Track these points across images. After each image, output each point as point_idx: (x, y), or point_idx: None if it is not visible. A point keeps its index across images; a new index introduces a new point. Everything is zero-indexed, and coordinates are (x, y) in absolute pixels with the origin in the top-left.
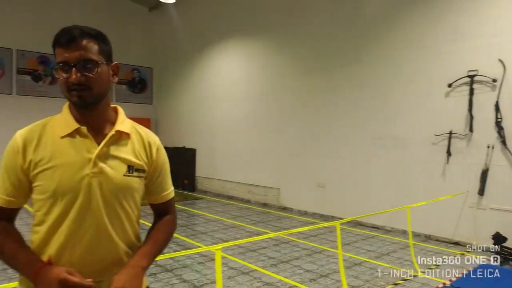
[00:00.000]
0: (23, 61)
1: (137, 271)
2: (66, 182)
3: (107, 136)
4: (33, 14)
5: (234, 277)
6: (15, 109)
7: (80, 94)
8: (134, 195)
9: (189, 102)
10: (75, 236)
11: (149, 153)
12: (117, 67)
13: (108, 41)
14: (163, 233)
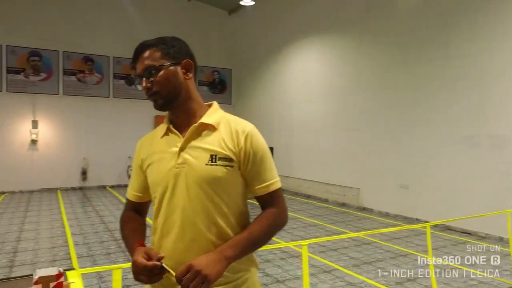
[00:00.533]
0: (118, 67)
1: (219, 257)
2: (159, 175)
3: (190, 128)
4: (127, 24)
5: (316, 274)
6: (112, 111)
7: (153, 99)
8: (222, 185)
9: (266, 101)
10: (167, 225)
11: (236, 142)
12: (188, 64)
13: (172, 44)
14: (261, 226)
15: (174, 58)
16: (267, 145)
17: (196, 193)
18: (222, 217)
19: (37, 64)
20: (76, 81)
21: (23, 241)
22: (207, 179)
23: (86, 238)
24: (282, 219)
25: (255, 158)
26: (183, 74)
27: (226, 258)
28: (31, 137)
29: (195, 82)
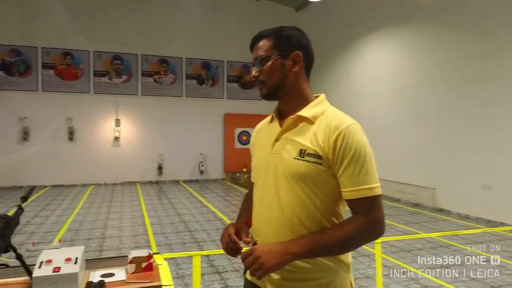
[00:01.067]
0: (190, 68)
1: (282, 250)
2: (257, 160)
3: (286, 120)
4: (198, 26)
5: (388, 275)
6: (184, 109)
7: (259, 87)
8: (307, 180)
9: (334, 98)
10: (259, 209)
11: (327, 138)
12: (297, 56)
13: (285, 35)
14: (338, 232)
15: (283, 50)
16: (367, 146)
17: (282, 184)
18: (306, 213)
19: (119, 67)
20: (152, 82)
21: (109, 228)
22: (293, 173)
23: (163, 228)
24: (371, 230)
25: (344, 158)
26: (291, 66)
27: (289, 253)
28: (114, 134)
29: (308, 75)
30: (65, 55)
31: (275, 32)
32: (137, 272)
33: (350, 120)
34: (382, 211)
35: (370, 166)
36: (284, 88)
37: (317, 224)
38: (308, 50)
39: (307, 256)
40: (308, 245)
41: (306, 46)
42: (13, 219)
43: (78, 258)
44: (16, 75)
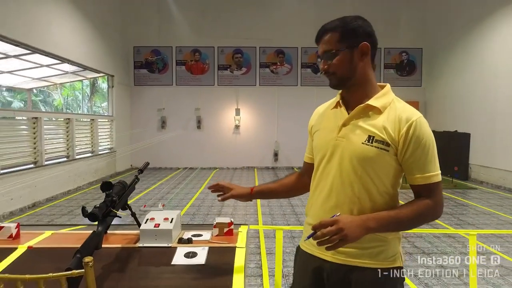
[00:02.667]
0: (305, 57)
1: (362, 224)
2: (321, 142)
3: (356, 108)
4: (313, 14)
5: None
6: (299, 98)
7: (329, 78)
8: (372, 165)
9: (463, 82)
10: (319, 187)
11: (397, 128)
12: (365, 47)
13: (351, 26)
14: (410, 211)
15: (350, 42)
16: (433, 137)
17: (347, 166)
18: (367, 194)
19: (240, 60)
20: (269, 73)
21: (225, 206)
22: (359, 156)
23: (272, 209)
24: (435, 212)
25: (416, 148)
26: (359, 57)
27: (367, 228)
28: (235, 123)
29: (373, 62)
30: (194, 52)
31: (342, 25)
32: (220, 235)
33: (418, 112)
34: (442, 195)
35: (435, 155)
36: (353, 79)
37: (376, 205)
38: (374, 38)
39: (380, 231)
40: (385, 222)
41: (372, 35)
42: (130, 185)
43: (173, 219)
44: (156, 72)
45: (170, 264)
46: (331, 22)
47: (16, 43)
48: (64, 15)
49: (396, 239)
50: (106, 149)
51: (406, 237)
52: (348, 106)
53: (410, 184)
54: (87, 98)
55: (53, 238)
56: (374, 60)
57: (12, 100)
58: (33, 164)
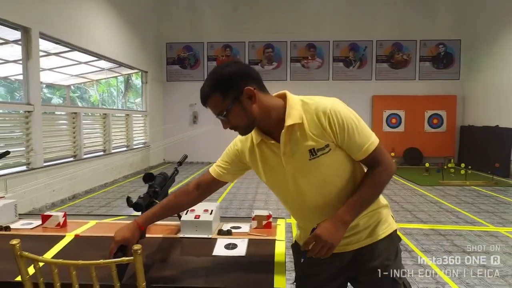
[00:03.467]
0: (337, 50)
1: (339, 225)
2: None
3: (281, 135)
4: (345, 6)
5: None
6: (331, 92)
7: (237, 131)
8: (330, 167)
9: (506, 75)
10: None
11: (320, 127)
12: (249, 91)
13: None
14: (368, 186)
15: (233, 95)
16: (351, 112)
17: (311, 181)
18: (339, 189)
19: (270, 55)
20: (300, 67)
21: (257, 201)
22: (315, 170)
23: None
24: (388, 174)
25: (344, 132)
26: (249, 102)
27: (345, 223)
28: None
29: (263, 90)
30: (225, 47)
31: (215, 86)
32: (258, 228)
33: (327, 99)
34: (387, 155)
35: (360, 125)
36: (257, 120)
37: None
38: (250, 75)
39: (356, 217)
40: (355, 208)
41: (247, 73)
42: (170, 177)
43: (213, 211)
44: (188, 67)
45: (211, 255)
46: (205, 87)
47: (57, 41)
48: (101, 13)
49: (385, 206)
50: (141, 144)
51: (444, 235)
52: (274, 136)
53: (358, 160)
54: (121, 94)
55: (97, 227)
56: (264, 87)
57: (51, 96)
58: (73, 158)
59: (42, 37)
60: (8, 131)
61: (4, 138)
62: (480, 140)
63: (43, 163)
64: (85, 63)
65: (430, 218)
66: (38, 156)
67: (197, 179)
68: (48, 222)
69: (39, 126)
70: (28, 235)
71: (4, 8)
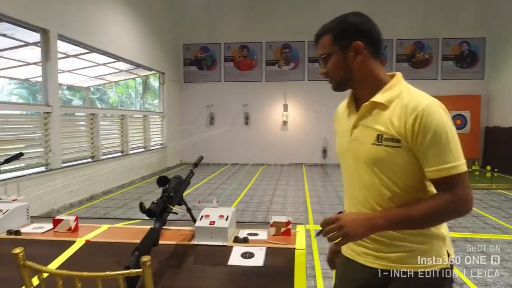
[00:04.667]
0: None
1: (368, 223)
2: (339, 147)
3: (361, 107)
4: (364, 4)
5: None
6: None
7: (329, 82)
8: (387, 164)
9: None
10: (348, 191)
11: (403, 120)
12: (357, 46)
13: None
14: (424, 207)
15: (342, 43)
16: (447, 123)
17: (364, 170)
18: (390, 194)
19: (288, 55)
20: (318, 68)
21: (274, 203)
22: (372, 158)
23: (322, 207)
24: (457, 208)
25: (424, 139)
26: (353, 57)
27: (373, 226)
28: (282, 118)
29: (376, 57)
30: (242, 48)
31: (331, 27)
32: (277, 235)
33: (427, 99)
34: (467, 188)
35: (453, 144)
36: (352, 79)
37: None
38: (370, 34)
39: (392, 228)
40: (394, 219)
41: (367, 31)
42: (185, 180)
43: (229, 217)
44: (204, 68)
45: (227, 265)
46: (325, 25)
47: (76, 43)
48: (119, 14)
49: (438, 237)
50: (158, 145)
51: (471, 241)
52: (358, 106)
53: (429, 179)
54: (140, 95)
55: (110, 232)
56: (379, 54)
57: (72, 98)
58: (90, 159)
59: (61, 38)
60: (28, 132)
61: (24, 139)
62: (506, 142)
63: (61, 164)
64: (104, 64)
65: (456, 223)
66: (56, 157)
67: None
68: (59, 226)
69: (57, 128)
70: (38, 240)
71: (23, 10)
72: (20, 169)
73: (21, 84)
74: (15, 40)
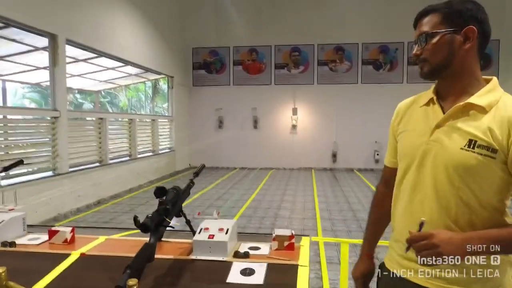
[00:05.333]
0: (366, 53)
1: (463, 244)
2: (408, 146)
3: (453, 107)
4: (375, 7)
5: None
6: (359, 96)
7: (420, 66)
8: (473, 175)
9: None
10: (410, 199)
11: (506, 131)
12: (471, 31)
13: (458, 7)
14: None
15: (454, 24)
16: None
17: (441, 176)
18: (466, 208)
19: (297, 58)
20: (328, 71)
21: (282, 209)
22: (457, 164)
23: (331, 214)
24: None
25: None
26: (462, 43)
27: (473, 250)
28: (291, 122)
29: (480, 53)
30: (251, 51)
31: (446, 7)
32: (279, 249)
33: None
34: None
35: None
36: (450, 67)
37: (478, 220)
38: (485, 26)
39: (484, 254)
40: (491, 242)
41: (482, 21)
42: (184, 191)
43: (229, 230)
44: (213, 72)
45: (225, 282)
46: (436, 4)
47: (84, 47)
48: (127, 19)
49: (508, 263)
50: (166, 149)
51: None
52: (444, 104)
53: None
54: (150, 99)
55: (106, 244)
56: (483, 52)
57: (83, 102)
58: (98, 163)
59: (69, 43)
60: (38, 136)
61: (33, 144)
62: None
63: (68, 169)
64: (112, 68)
65: None
66: (64, 162)
67: (381, 179)
68: (55, 238)
69: (64, 132)
70: (33, 252)
71: (32, 15)
72: (28, 174)
73: (34, 88)
74: (24, 45)
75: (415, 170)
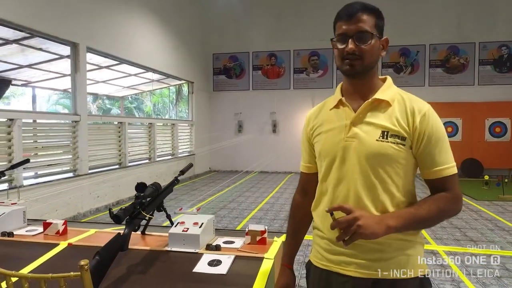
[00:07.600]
0: (387, 56)
1: (380, 223)
2: (328, 145)
3: (363, 103)
4: (396, 9)
5: None
6: None
7: (352, 63)
8: (390, 162)
9: None
10: (334, 194)
11: (410, 120)
12: (386, 42)
13: (383, 18)
14: (429, 206)
15: (381, 32)
16: (443, 127)
17: (363, 168)
18: (388, 195)
19: (316, 62)
20: None
21: None
22: (376, 155)
23: None
24: (455, 206)
25: (430, 140)
26: (381, 49)
27: (386, 226)
28: None
29: None
30: (270, 56)
31: (378, 11)
32: (252, 243)
33: (426, 103)
34: (459, 190)
35: (448, 146)
36: (371, 70)
37: (399, 207)
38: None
39: (400, 230)
40: (404, 219)
41: None
42: (166, 188)
43: (203, 224)
44: (233, 77)
45: (191, 272)
46: (367, 4)
47: (105, 55)
48: (148, 26)
49: (420, 244)
50: (186, 152)
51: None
52: (352, 103)
53: (425, 179)
54: (173, 103)
55: (95, 236)
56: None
57: (111, 107)
58: (118, 165)
59: (90, 51)
60: (61, 139)
61: (56, 146)
62: None
63: (88, 170)
64: (135, 75)
65: (482, 237)
66: (83, 163)
67: (297, 188)
68: (49, 229)
69: (85, 135)
70: (27, 242)
71: (55, 25)
72: (51, 175)
73: (65, 95)
74: (50, 53)
75: (338, 165)
